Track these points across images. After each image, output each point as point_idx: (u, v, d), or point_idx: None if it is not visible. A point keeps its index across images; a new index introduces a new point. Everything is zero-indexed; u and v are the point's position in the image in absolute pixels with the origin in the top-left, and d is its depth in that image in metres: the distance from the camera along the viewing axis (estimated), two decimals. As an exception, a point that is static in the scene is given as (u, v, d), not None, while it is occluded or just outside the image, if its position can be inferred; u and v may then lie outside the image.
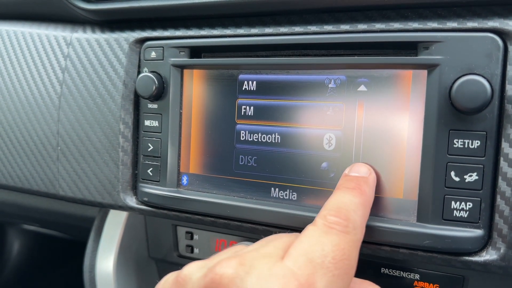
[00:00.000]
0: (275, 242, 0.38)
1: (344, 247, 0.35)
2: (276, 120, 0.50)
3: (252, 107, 0.52)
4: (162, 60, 0.55)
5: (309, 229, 0.37)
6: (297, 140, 0.49)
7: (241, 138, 0.52)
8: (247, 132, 0.52)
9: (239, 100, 0.52)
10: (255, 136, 0.52)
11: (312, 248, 0.35)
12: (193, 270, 0.36)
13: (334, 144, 0.48)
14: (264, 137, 0.51)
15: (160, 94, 0.55)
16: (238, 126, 0.53)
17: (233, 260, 0.34)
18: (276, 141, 0.50)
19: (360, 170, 0.44)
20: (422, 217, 0.44)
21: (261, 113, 0.51)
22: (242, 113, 0.52)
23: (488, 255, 0.42)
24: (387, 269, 0.53)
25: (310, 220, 0.40)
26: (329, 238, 0.36)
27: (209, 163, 0.54)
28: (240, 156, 0.53)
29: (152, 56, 0.56)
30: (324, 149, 0.48)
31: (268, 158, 0.51)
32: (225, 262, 0.34)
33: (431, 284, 0.51)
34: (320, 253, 0.34)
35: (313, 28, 0.49)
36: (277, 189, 0.51)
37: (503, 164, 0.41)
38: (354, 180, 0.43)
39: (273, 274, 0.32)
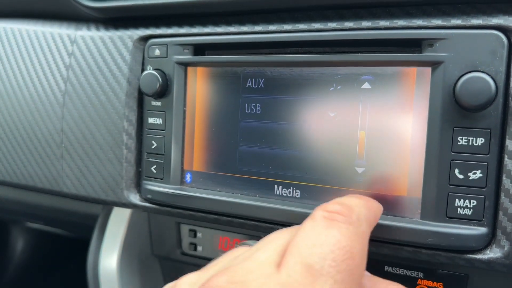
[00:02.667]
0: (273, 243, 0.35)
1: (346, 243, 0.31)
2: (280, 117, 0.50)
3: (255, 105, 0.52)
4: (166, 57, 0.55)
5: (306, 225, 0.33)
6: (301, 137, 0.49)
7: (245, 136, 0.52)
8: (250, 129, 0.52)
9: (243, 98, 0.52)
10: (259, 133, 0.52)
11: (309, 251, 0.31)
12: (185, 287, 0.35)
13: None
14: (267, 134, 0.51)
15: (164, 91, 0.55)
16: (241, 124, 0.53)
17: (224, 276, 0.31)
18: (280, 138, 0.50)
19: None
20: (426, 215, 0.43)
21: (265, 111, 0.51)
22: (246, 111, 0.52)
23: (492, 253, 0.42)
24: (390, 267, 0.53)
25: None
26: (329, 234, 0.32)
27: (212, 160, 0.54)
28: (244, 153, 0.53)
29: (156, 54, 0.56)
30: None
31: (271, 156, 0.51)
32: (215, 280, 0.31)
33: (434, 282, 0.51)
34: (318, 256, 0.31)
35: (317, 25, 0.49)
36: (280, 187, 0.51)
37: (507, 161, 0.41)
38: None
39: None
